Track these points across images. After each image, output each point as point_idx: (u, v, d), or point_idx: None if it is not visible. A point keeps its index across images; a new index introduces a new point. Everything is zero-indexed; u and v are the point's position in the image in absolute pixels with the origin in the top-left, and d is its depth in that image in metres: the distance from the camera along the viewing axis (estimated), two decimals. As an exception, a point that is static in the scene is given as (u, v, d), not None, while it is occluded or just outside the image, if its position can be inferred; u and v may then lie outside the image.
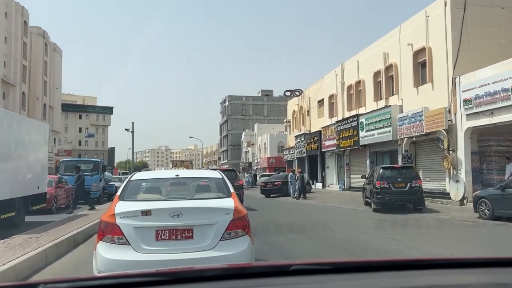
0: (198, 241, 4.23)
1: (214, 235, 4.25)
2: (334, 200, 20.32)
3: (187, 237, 4.24)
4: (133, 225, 4.18)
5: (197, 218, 4.34)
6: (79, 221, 10.52)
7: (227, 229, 4.28)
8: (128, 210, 4.29)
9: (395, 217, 12.94)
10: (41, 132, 11.49)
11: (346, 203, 18.54)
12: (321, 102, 31.52)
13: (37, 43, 52.88)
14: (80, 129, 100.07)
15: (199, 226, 4.29)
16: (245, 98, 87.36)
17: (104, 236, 4.23)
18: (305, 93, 34.88)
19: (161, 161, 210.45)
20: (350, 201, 19.48)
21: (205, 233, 4.26)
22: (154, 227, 4.20)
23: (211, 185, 5.39)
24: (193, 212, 4.40)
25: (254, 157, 70.70)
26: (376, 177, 14.63)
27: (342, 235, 9.51)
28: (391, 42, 21.50)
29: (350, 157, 26.82)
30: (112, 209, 4.40)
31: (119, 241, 4.16)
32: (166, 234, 4.21)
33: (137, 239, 4.15)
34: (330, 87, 29.22)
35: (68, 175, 18.63)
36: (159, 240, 4.20)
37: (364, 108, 24.25)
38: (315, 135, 31.14)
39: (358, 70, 25.13)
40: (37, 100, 52.92)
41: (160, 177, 5.97)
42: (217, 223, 4.29)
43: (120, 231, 4.16)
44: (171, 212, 4.24)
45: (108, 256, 4.13)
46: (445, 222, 12.05)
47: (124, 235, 4.15)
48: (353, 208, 16.38)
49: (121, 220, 4.21)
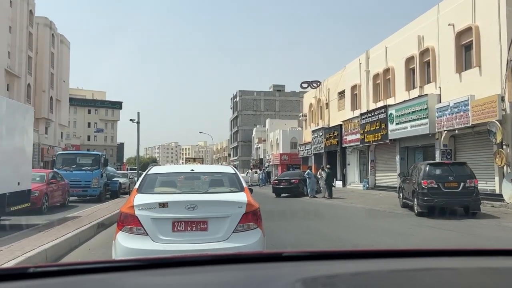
0: (213, 233, 4.37)
1: (228, 227, 4.39)
2: (363, 201, 18.05)
3: (202, 229, 4.38)
4: (151, 216, 4.32)
5: (211, 211, 4.49)
6: (60, 229, 8.42)
7: (240, 222, 4.41)
8: (146, 202, 4.42)
9: (448, 224, 10.68)
10: (23, 116, 9.45)
11: (378, 204, 16.28)
12: (341, 93, 29.20)
13: (43, 34, 51.32)
14: (89, 124, 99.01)
15: (213, 218, 4.43)
16: (256, 93, 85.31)
17: (124, 226, 4.36)
18: (323, 84, 32.58)
19: (171, 157, 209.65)
20: (381, 202, 17.20)
21: (219, 225, 4.41)
22: (171, 218, 4.35)
23: (224, 179, 5.51)
24: (207, 205, 4.55)
25: (265, 154, 68.66)
26: (421, 175, 12.34)
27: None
28: (427, 23, 19.11)
29: (376, 153, 24.50)
30: (131, 201, 4.52)
31: (138, 231, 4.29)
32: (182, 226, 4.36)
33: (155, 230, 4.29)
34: (352, 77, 26.88)
35: (65, 169, 16.67)
36: (176, 231, 4.35)
37: (394, 99, 21.91)
38: (335, 129, 28.85)
39: (386, 57, 22.76)
40: (43, 93, 51.38)
41: (176, 172, 6.13)
42: (230, 216, 4.43)
43: (138, 222, 4.29)
44: (187, 205, 4.39)
45: (128, 245, 4.24)
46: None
47: (143, 226, 4.28)
48: (391, 212, 14.11)
49: (140, 211, 4.34)
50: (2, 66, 39.61)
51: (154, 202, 4.41)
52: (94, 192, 16.80)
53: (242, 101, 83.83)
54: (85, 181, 16.55)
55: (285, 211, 14.33)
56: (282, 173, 25.83)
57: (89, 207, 13.56)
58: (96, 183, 16.72)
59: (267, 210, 14.12)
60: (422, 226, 10.57)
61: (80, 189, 16.52)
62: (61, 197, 14.36)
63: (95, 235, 8.31)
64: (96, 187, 16.74)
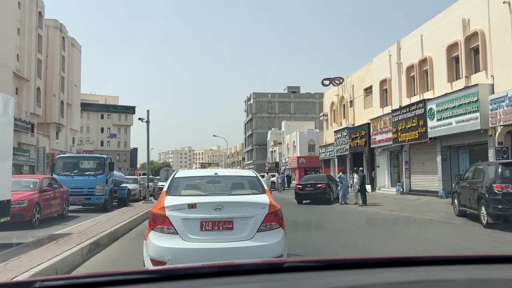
0: (238, 232, 4.57)
1: (252, 227, 4.58)
2: (404, 208, 15.68)
3: (228, 228, 4.57)
4: (181, 216, 4.55)
5: (236, 211, 4.68)
6: (34, 255, 6.33)
7: (263, 222, 4.62)
8: (176, 204, 4.67)
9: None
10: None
11: (425, 212, 13.90)
12: (368, 90, 26.84)
13: (54, 37, 50.22)
14: (102, 129, 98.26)
15: (238, 218, 4.63)
16: (271, 95, 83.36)
17: (155, 226, 4.59)
18: (347, 81, 30.24)
19: (184, 162, 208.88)
20: (427, 209, 14.80)
21: (244, 225, 4.60)
22: (199, 218, 4.57)
23: (246, 182, 5.67)
24: (233, 206, 4.75)
25: (281, 157, 66.52)
26: (493, 178, 9.98)
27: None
28: (474, 3, 16.71)
29: (410, 154, 22.07)
30: (162, 202, 4.75)
31: (168, 230, 4.51)
32: (209, 225, 4.55)
33: (184, 229, 4.51)
34: (381, 71, 24.52)
35: (66, 175, 14.74)
36: (204, 230, 4.54)
37: (432, 92, 19.50)
38: (361, 129, 26.49)
39: (422, 46, 20.38)
40: (53, 97, 50.20)
41: (201, 175, 6.47)
42: (254, 216, 4.64)
43: (169, 222, 4.53)
44: (214, 206, 4.60)
45: (160, 244, 4.45)
46: None
47: (173, 226, 4.51)
48: (447, 222, 11.74)
49: (170, 212, 4.57)
50: (11, 69, 38.29)
51: (183, 203, 4.63)
52: (99, 200, 14.81)
53: (256, 103, 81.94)
54: (88, 188, 14.59)
55: (318, 221, 12.11)
56: (304, 177, 23.27)
57: (91, 217, 11.57)
58: (101, 190, 14.73)
59: (294, 219, 11.93)
60: (502, 242, 8.23)
61: (82, 197, 14.56)
62: (59, 206, 12.39)
63: (84, 261, 6.22)
64: (101, 195, 14.75)
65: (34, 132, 44.34)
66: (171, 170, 24.04)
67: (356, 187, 17.53)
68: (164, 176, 23.15)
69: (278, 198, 16.37)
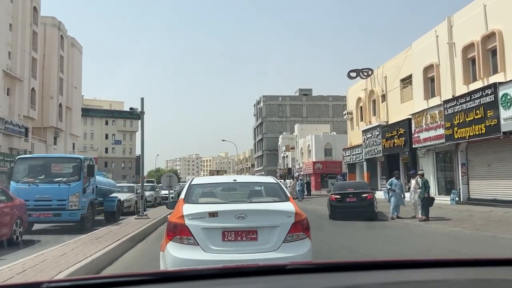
0: (262, 243, 4.27)
1: (278, 237, 4.30)
2: (490, 226, 11.45)
3: (251, 238, 4.29)
4: (201, 226, 4.24)
5: (261, 220, 4.39)
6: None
7: (290, 232, 4.34)
8: (196, 212, 4.36)
9: None
10: None
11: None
12: (407, 80, 22.78)
13: (51, 35, 46.91)
14: (107, 135, 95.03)
15: (263, 228, 4.35)
16: (281, 98, 79.60)
17: (174, 237, 4.29)
18: (377, 72, 26.19)
19: (192, 170, 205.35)
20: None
21: (269, 235, 4.32)
22: (220, 228, 4.25)
23: (267, 189, 5.41)
24: (257, 214, 4.45)
25: (294, 163, 62.36)
26: None
27: None
28: None
29: (468, 154, 17.89)
30: (180, 210, 4.44)
31: (188, 241, 4.21)
32: (232, 235, 4.25)
33: (205, 240, 4.20)
34: (425, 56, 20.45)
35: (28, 182, 10.83)
36: (226, 240, 4.24)
37: (503, 75, 15.39)
38: (399, 126, 22.38)
39: (485, 19, 16.32)
40: (51, 99, 46.76)
41: (219, 182, 6.15)
42: (280, 225, 4.35)
43: (189, 231, 4.22)
44: (237, 214, 4.29)
45: (179, 256, 4.15)
46: None
47: (193, 236, 4.20)
48: None
49: (190, 221, 4.26)
50: (0, 67, 34.86)
51: (204, 212, 4.34)
52: (73, 217, 10.83)
53: (266, 107, 78.09)
54: (58, 200, 10.64)
55: (388, 252, 8.02)
56: (338, 184, 18.57)
57: (56, 244, 7.67)
58: (75, 202, 10.75)
59: (338, 247, 7.84)
60: None
61: (50, 212, 10.60)
62: (6, 229, 8.44)
63: None
64: (75, 209, 10.75)
65: (29, 137, 40.82)
66: (174, 177, 20.12)
67: (415, 196, 13.33)
68: (167, 183, 19.24)
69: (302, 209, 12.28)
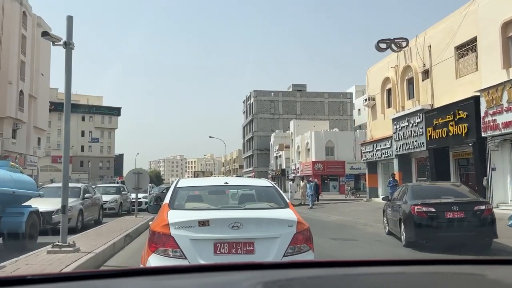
0: (260, 256, 3.78)
1: (278, 250, 3.84)
2: None
3: (248, 251, 3.81)
4: (190, 236, 3.75)
5: (258, 230, 3.91)
6: None
7: (291, 243, 3.88)
8: (184, 220, 3.84)
9: None
10: None
11: None
12: (467, 46, 16.98)
13: (11, 9, 39.94)
14: (83, 132, 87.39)
15: (261, 239, 3.87)
16: (273, 94, 73.60)
17: (157, 248, 3.76)
18: (416, 42, 20.27)
19: (175, 171, 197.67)
20: None
21: (267, 247, 3.85)
22: (212, 239, 3.78)
23: (263, 194, 4.93)
24: (254, 223, 3.96)
25: (289, 163, 56.28)
26: None
27: None
28: None
29: None
30: (165, 218, 3.90)
31: (174, 254, 3.72)
32: (225, 248, 3.78)
33: (194, 253, 3.73)
34: (497, 10, 14.65)
35: None
36: (218, 253, 3.76)
37: None
38: (459, 107, 16.45)
39: None
40: (9, 85, 39.64)
41: (209, 185, 5.46)
42: (280, 236, 3.89)
43: (175, 243, 3.72)
44: (231, 223, 3.80)
45: None
46: None
47: (180, 248, 3.71)
48: None
49: (176, 231, 3.76)
50: None
51: (193, 220, 3.79)
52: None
53: (257, 102, 72.02)
54: None
55: None
56: (420, 187, 10.35)
57: None
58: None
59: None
60: None
61: None
62: None
63: None
64: None
65: (-23, 128, 34.03)
66: (145, 174, 13.75)
67: None
68: (133, 183, 12.90)
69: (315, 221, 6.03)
